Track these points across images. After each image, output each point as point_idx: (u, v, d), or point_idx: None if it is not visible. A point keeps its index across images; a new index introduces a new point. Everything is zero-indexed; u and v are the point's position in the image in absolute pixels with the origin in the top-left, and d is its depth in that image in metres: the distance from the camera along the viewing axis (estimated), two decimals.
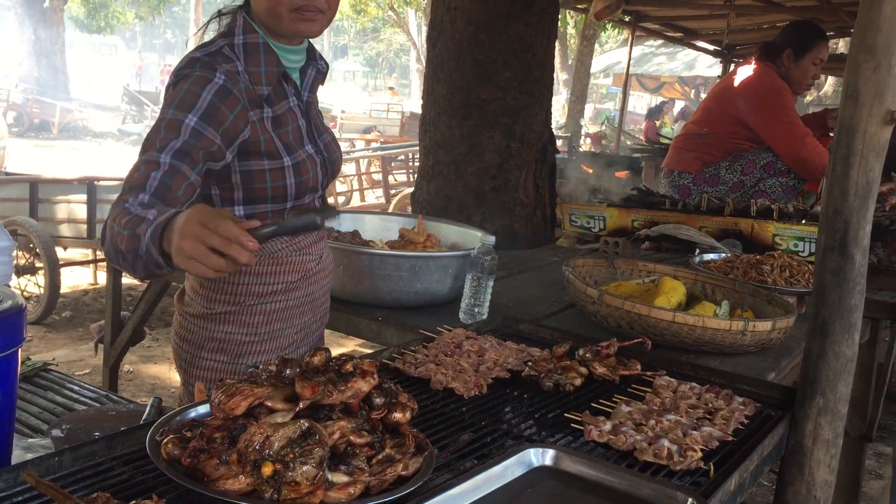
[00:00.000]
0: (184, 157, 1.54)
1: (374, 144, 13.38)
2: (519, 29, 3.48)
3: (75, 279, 6.88)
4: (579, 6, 8.02)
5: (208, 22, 1.84)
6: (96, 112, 21.24)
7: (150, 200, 1.45)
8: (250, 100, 1.67)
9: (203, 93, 1.60)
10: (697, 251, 3.00)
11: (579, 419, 1.48)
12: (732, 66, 6.55)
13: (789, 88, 3.77)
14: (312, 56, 1.86)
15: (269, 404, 1.12)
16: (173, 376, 4.90)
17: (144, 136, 1.65)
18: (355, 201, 10.91)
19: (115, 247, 1.39)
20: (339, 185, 10.97)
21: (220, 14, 1.81)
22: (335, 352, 1.17)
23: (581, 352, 1.79)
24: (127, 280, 5.93)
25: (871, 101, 1.50)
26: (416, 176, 4.15)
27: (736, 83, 3.91)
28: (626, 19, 7.88)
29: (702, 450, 1.38)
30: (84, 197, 6.10)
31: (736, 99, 3.81)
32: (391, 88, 24.78)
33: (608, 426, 1.45)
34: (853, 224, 1.53)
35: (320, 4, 1.68)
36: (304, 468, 1.02)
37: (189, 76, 1.63)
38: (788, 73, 3.79)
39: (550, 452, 1.29)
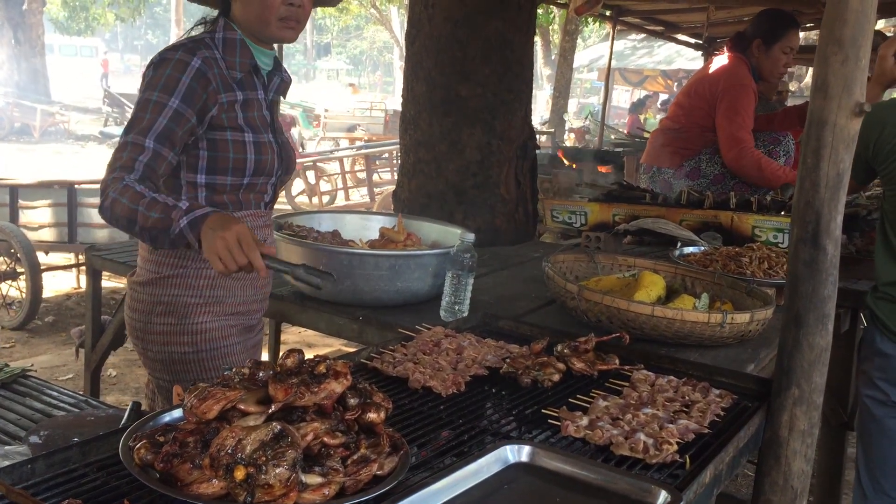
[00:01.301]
0: (164, 141, 1.77)
1: (358, 143, 13.35)
2: (497, 25, 3.47)
3: (58, 284, 6.83)
4: (560, 1, 8.04)
5: (191, 29, 2.03)
6: (78, 115, 21.07)
7: (143, 181, 1.71)
8: (223, 83, 1.88)
9: (183, 77, 1.80)
10: (679, 244, 3.01)
11: (556, 415, 1.48)
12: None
13: (754, 86, 3.72)
14: (278, 66, 2.08)
15: (242, 407, 1.12)
16: None
17: None
18: (340, 200, 10.89)
19: (130, 219, 1.67)
20: (324, 185, 10.95)
21: (203, 22, 2.02)
22: (320, 352, 1.19)
23: (559, 347, 1.79)
24: (108, 283, 5.91)
25: (839, 93, 1.51)
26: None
27: (704, 76, 3.89)
28: (607, 14, 7.91)
29: (678, 442, 1.39)
30: (65, 201, 6.05)
31: (706, 91, 3.79)
32: (351, 85, 24.69)
33: (585, 421, 1.45)
34: (825, 215, 1.54)
35: (300, 16, 1.91)
36: (277, 470, 1.02)
37: (170, 60, 1.83)
38: (759, 63, 3.75)
39: (527, 449, 1.30)
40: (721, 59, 3.90)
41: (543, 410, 1.52)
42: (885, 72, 2.43)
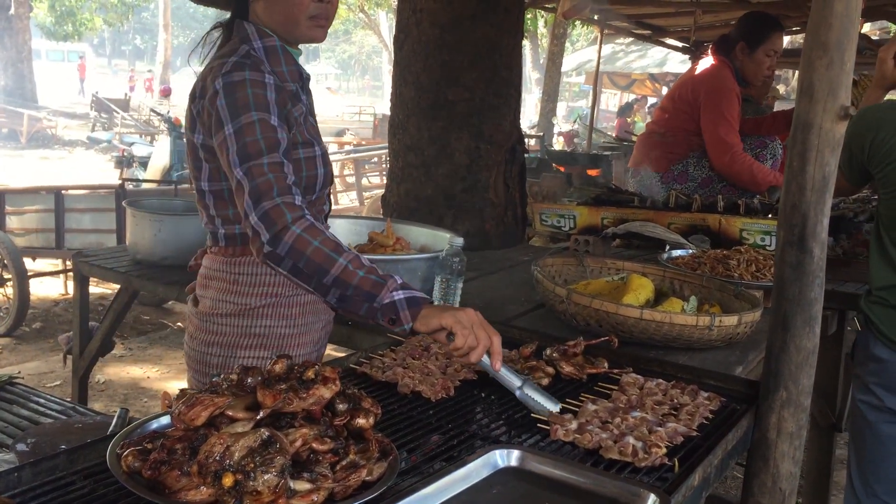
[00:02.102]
0: (287, 155, 1.63)
1: (347, 147, 13.34)
2: (485, 30, 3.48)
3: (45, 290, 6.79)
4: (548, 5, 8.06)
5: (208, 33, 1.86)
6: (65, 120, 20.97)
7: (303, 201, 1.58)
8: (291, 97, 1.74)
9: (267, 93, 1.64)
10: (667, 247, 3.02)
11: (545, 419, 1.48)
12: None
13: (738, 90, 3.71)
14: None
15: (231, 413, 1.12)
16: (147, 385, 4.85)
17: (115, 143, 1.71)
18: None
19: (321, 267, 1.51)
20: None
21: (219, 25, 1.84)
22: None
23: (548, 351, 1.80)
24: (96, 290, 5.88)
25: (825, 97, 1.52)
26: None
27: (687, 80, 3.89)
28: (595, 18, 7.94)
29: (667, 446, 1.40)
30: (52, 206, 6.02)
31: (689, 96, 3.79)
32: (328, 88, 24.69)
33: (574, 425, 1.45)
34: (811, 218, 1.55)
35: (329, 13, 1.77)
36: (266, 477, 1.02)
37: (242, 81, 1.64)
38: (743, 66, 3.75)
39: (516, 453, 1.30)
40: (705, 63, 3.91)
41: (532, 414, 1.52)
42: (886, 75, 2.43)
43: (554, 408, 1.52)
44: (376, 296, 1.49)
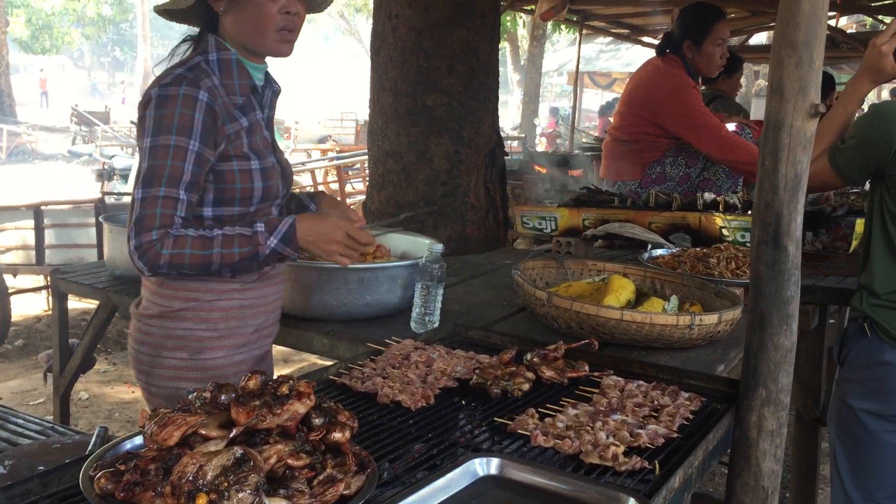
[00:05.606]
0: (192, 188, 1.74)
1: (329, 154, 13.31)
2: (461, 34, 3.48)
3: (27, 307, 6.72)
4: (526, 8, 8.08)
5: (177, 47, 1.92)
6: (45, 134, 20.82)
7: (191, 229, 1.74)
8: (227, 114, 1.80)
9: (196, 114, 1.72)
10: (649, 247, 3.03)
11: (510, 425, 1.48)
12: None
13: (693, 84, 3.64)
14: (269, 78, 1.99)
15: (204, 432, 1.11)
16: (132, 400, 4.81)
17: (95, 156, 1.78)
18: None
19: (203, 265, 1.72)
20: None
21: (189, 38, 1.91)
22: (296, 367, 1.17)
23: (529, 356, 1.79)
24: (78, 305, 5.83)
25: (795, 95, 1.53)
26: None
27: (639, 84, 3.80)
28: (574, 19, 7.96)
29: (648, 448, 1.39)
30: (32, 223, 5.97)
31: (644, 99, 3.69)
32: None
33: (544, 428, 1.45)
34: (784, 217, 1.55)
35: (296, 24, 1.83)
36: (240, 496, 1.00)
37: (175, 96, 1.72)
38: (695, 62, 3.66)
39: (495, 461, 1.29)
40: (648, 64, 3.83)
41: (496, 419, 1.52)
42: (883, 69, 2.23)
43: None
44: (258, 254, 1.74)
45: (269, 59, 1.99)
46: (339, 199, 10.97)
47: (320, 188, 11.18)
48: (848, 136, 2.27)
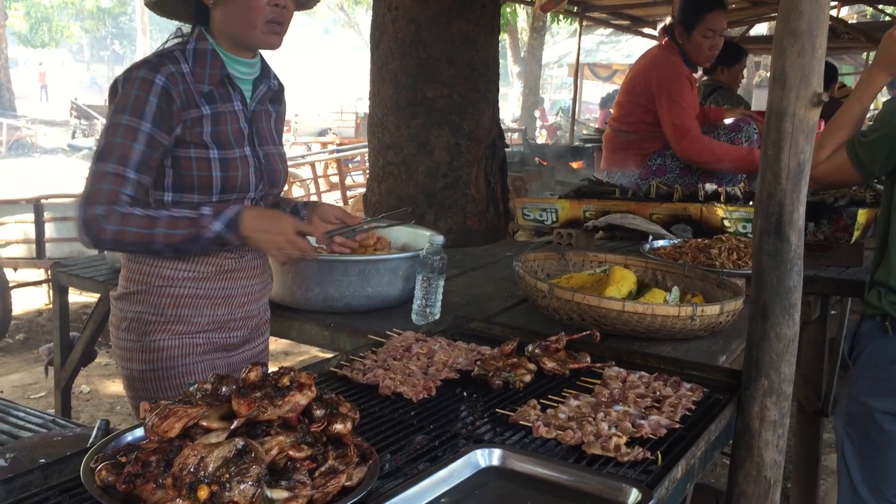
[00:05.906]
0: (143, 168, 1.78)
1: (330, 146, 13.30)
2: (461, 26, 3.47)
3: (28, 300, 6.72)
4: None
5: (167, 41, 1.95)
6: (45, 128, 20.79)
7: (134, 207, 1.77)
8: (188, 99, 1.83)
9: (150, 97, 1.77)
10: (650, 238, 3.02)
11: (512, 416, 1.48)
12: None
13: (688, 72, 3.64)
14: (266, 74, 2.02)
15: (205, 424, 1.10)
16: None
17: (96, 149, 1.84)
18: None
19: (145, 243, 1.76)
20: (297, 190, 10.89)
21: (180, 34, 1.95)
22: (296, 360, 1.17)
23: (530, 347, 1.79)
24: (79, 298, 5.82)
25: (797, 84, 1.52)
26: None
27: (638, 73, 3.81)
28: (574, 10, 7.93)
29: (650, 438, 1.39)
30: (31, 217, 5.96)
31: (641, 87, 3.69)
32: None
33: (546, 419, 1.44)
34: (787, 206, 1.54)
35: (285, 17, 1.86)
36: (241, 487, 1.00)
37: (135, 79, 1.78)
38: (686, 49, 3.67)
39: (497, 452, 1.29)
40: (652, 50, 3.84)
41: (498, 410, 1.51)
42: None
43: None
44: (200, 237, 1.78)
45: (265, 53, 2.01)
46: (339, 199, 10.88)
47: (320, 181, 11.17)
48: (870, 130, 2.24)
